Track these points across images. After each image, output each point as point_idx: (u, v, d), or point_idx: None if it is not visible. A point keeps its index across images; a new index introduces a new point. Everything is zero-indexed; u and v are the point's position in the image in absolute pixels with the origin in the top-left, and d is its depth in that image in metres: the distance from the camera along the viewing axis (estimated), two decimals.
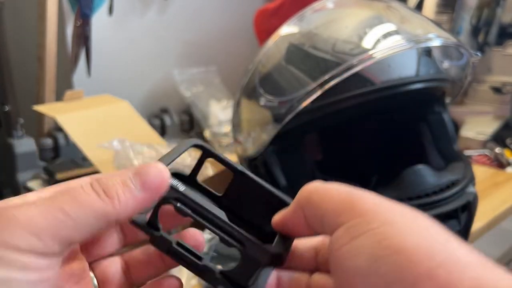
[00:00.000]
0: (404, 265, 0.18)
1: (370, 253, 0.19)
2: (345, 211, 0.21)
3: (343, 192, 0.22)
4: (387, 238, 0.18)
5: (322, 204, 0.22)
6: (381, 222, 0.19)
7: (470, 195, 0.49)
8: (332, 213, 0.21)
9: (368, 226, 0.19)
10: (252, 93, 0.53)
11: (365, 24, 0.50)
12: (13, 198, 0.22)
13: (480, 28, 1.00)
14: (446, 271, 0.17)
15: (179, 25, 1.14)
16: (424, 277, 0.17)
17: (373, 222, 0.19)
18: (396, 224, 0.19)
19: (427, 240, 0.18)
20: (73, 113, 0.71)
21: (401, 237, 0.18)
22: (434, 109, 0.59)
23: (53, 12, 0.87)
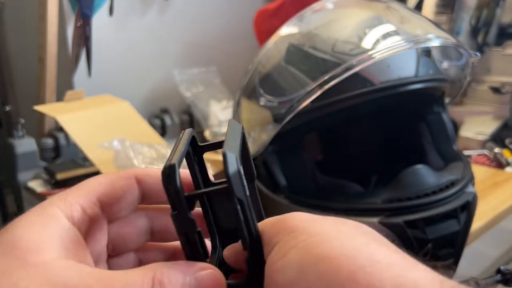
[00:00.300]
0: (329, 271, 0.18)
1: (299, 264, 0.19)
2: (276, 234, 0.21)
3: (276, 218, 0.23)
4: (313, 248, 0.19)
5: (262, 233, 0.23)
6: (308, 235, 0.20)
7: (470, 195, 0.50)
8: (268, 238, 0.22)
9: (297, 240, 0.20)
10: (252, 93, 0.53)
11: (365, 24, 0.50)
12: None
13: (479, 29, 1.00)
14: (366, 273, 0.18)
15: (179, 26, 1.14)
16: (348, 281, 0.18)
17: (301, 236, 0.20)
18: (322, 235, 0.20)
19: (350, 245, 0.19)
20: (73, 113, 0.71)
21: (326, 245, 0.19)
22: (434, 109, 0.59)
23: (53, 13, 0.87)
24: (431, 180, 0.49)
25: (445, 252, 0.47)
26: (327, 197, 0.51)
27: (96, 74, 0.96)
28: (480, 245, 0.66)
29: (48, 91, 0.90)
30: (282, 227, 0.21)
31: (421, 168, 0.50)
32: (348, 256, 0.18)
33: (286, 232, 0.21)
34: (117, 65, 1.05)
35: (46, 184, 0.85)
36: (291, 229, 0.21)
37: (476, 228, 0.63)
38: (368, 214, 0.47)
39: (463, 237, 0.49)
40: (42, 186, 0.85)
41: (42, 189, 0.84)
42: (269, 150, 0.53)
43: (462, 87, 0.61)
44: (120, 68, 1.06)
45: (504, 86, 0.98)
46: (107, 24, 1.01)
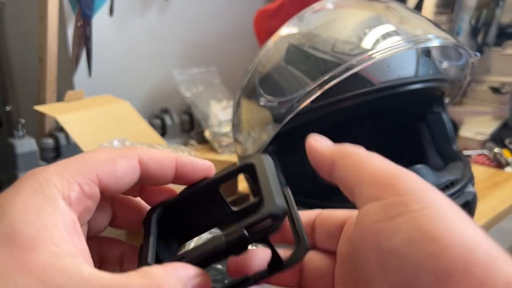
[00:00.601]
0: (443, 255, 0.17)
1: (408, 236, 0.18)
2: (384, 187, 0.20)
3: (385, 166, 0.21)
4: (427, 224, 0.18)
5: (360, 169, 0.21)
6: (422, 205, 0.18)
7: (469, 195, 0.50)
8: (369, 184, 0.20)
9: (408, 208, 0.18)
10: (252, 93, 0.53)
11: (365, 24, 0.50)
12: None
13: (479, 29, 1.00)
14: (483, 269, 0.17)
15: (179, 26, 1.14)
16: (460, 272, 0.17)
17: (414, 204, 0.18)
18: (438, 210, 0.18)
19: (468, 234, 0.18)
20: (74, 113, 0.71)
21: (442, 225, 0.18)
22: (433, 109, 0.59)
23: (54, 13, 0.87)
24: (430, 180, 0.49)
25: None
26: (327, 197, 0.51)
27: (97, 74, 0.96)
28: None
29: (48, 91, 0.90)
30: (388, 183, 0.20)
31: (421, 168, 0.50)
32: (466, 245, 0.17)
33: (393, 192, 0.19)
34: (117, 65, 1.05)
35: None
36: (399, 191, 0.19)
37: None
38: None
39: None
40: None
41: None
42: (269, 150, 0.53)
43: (462, 87, 0.61)
44: (120, 68, 1.06)
45: (504, 86, 0.98)
46: (107, 24, 1.01)
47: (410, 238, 0.18)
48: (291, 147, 0.54)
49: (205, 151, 1.04)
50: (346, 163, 0.22)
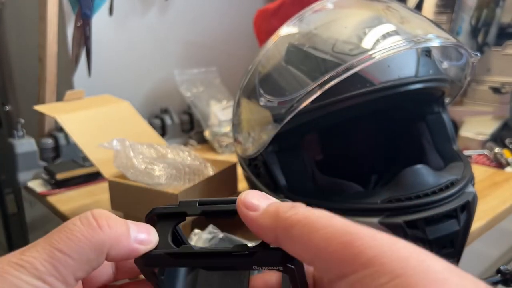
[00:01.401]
0: None
1: None
2: (346, 261, 0.18)
3: (336, 230, 0.19)
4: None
5: (310, 243, 0.19)
6: (391, 275, 0.17)
7: (470, 195, 0.50)
8: (326, 260, 0.18)
9: (376, 282, 0.17)
10: (252, 94, 0.53)
11: (365, 24, 0.50)
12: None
13: (479, 29, 1.00)
14: None
15: (179, 26, 1.14)
16: None
17: (382, 275, 0.17)
18: (408, 278, 0.16)
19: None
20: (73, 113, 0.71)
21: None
22: (434, 109, 0.59)
23: (53, 13, 0.87)
24: (431, 180, 0.49)
25: (445, 252, 0.47)
26: (327, 197, 0.51)
27: (96, 74, 0.96)
28: (480, 245, 0.66)
29: (48, 91, 0.90)
30: (350, 255, 0.18)
31: (421, 168, 0.50)
32: None
33: (357, 265, 0.17)
34: (117, 65, 1.05)
35: (46, 184, 0.85)
36: (364, 263, 0.17)
37: (476, 228, 0.63)
38: (368, 214, 0.47)
39: (463, 237, 0.49)
40: (42, 186, 0.85)
41: (42, 189, 0.84)
42: (269, 150, 0.53)
43: (462, 87, 0.61)
44: (120, 68, 1.06)
45: (504, 86, 0.98)
46: (107, 24, 1.01)
47: None
48: (291, 147, 0.54)
49: (205, 151, 1.04)
50: (291, 237, 0.20)
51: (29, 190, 0.87)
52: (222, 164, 0.64)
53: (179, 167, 0.60)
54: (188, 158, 0.65)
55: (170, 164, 0.60)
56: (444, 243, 0.47)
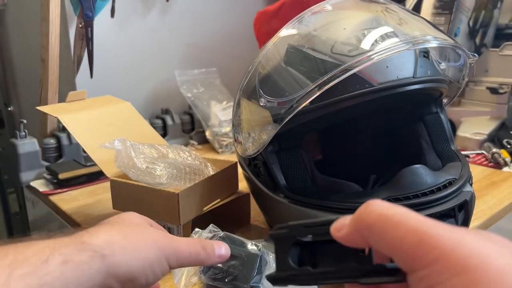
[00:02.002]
0: None
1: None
2: (416, 258, 0.20)
3: (409, 229, 0.21)
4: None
5: (388, 239, 0.21)
6: (454, 271, 0.19)
7: (467, 195, 0.50)
8: (403, 256, 0.21)
9: (441, 277, 0.19)
10: (252, 94, 0.54)
11: (363, 26, 0.50)
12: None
13: (477, 30, 1.01)
14: None
15: (180, 27, 1.15)
16: None
17: (445, 272, 0.19)
18: (469, 275, 0.18)
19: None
20: (76, 113, 0.72)
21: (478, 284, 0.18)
22: (432, 109, 0.59)
23: (56, 14, 0.87)
24: (429, 180, 0.49)
25: None
26: (326, 197, 0.52)
27: (98, 75, 0.97)
28: None
29: (50, 92, 0.91)
30: (420, 253, 0.20)
31: (419, 168, 0.50)
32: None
33: (428, 260, 0.20)
34: (119, 66, 1.06)
35: (48, 184, 0.86)
36: (431, 260, 0.19)
37: (474, 227, 0.63)
38: None
39: None
40: (45, 186, 0.86)
41: (44, 188, 0.85)
42: (269, 150, 0.54)
43: (460, 87, 0.62)
44: (121, 69, 1.06)
45: (502, 87, 0.98)
46: (108, 25, 1.01)
47: None
48: (291, 147, 0.54)
49: (206, 151, 1.04)
50: (373, 235, 0.22)
51: (32, 190, 0.87)
52: (223, 164, 0.65)
53: (179, 167, 0.61)
54: (189, 158, 0.66)
55: (171, 164, 0.60)
56: None
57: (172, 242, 0.36)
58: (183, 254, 0.36)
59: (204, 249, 0.37)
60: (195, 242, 0.38)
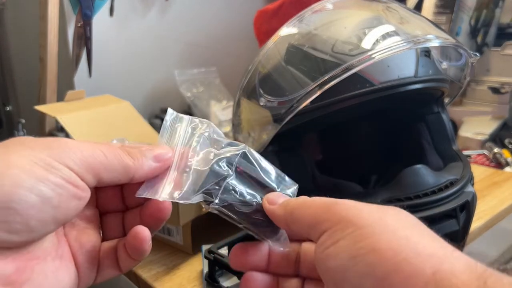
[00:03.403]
0: (375, 262, 0.21)
1: (348, 253, 0.22)
2: (325, 221, 0.25)
3: (320, 204, 0.26)
4: (361, 241, 0.22)
5: (305, 218, 0.26)
6: (355, 227, 0.23)
7: (469, 195, 0.50)
8: (315, 223, 0.25)
9: (345, 232, 0.23)
10: (251, 94, 0.53)
11: (364, 25, 0.50)
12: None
13: (478, 29, 1.00)
14: (410, 264, 0.21)
15: (179, 26, 1.14)
16: (392, 271, 0.21)
17: (349, 227, 0.23)
18: (367, 228, 0.23)
19: (395, 239, 0.22)
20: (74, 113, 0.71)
21: (372, 239, 0.22)
22: (433, 109, 0.59)
23: (54, 13, 0.87)
24: (430, 180, 0.49)
25: None
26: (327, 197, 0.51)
27: (97, 74, 0.97)
28: (479, 245, 0.67)
29: (49, 91, 0.90)
30: (327, 217, 0.25)
31: (421, 168, 0.50)
32: (393, 249, 0.21)
33: (332, 222, 0.24)
34: (118, 65, 1.05)
35: None
36: (337, 220, 0.24)
37: (476, 228, 0.63)
38: None
39: (463, 236, 0.49)
40: None
41: None
42: (269, 150, 0.53)
43: (462, 87, 0.61)
44: (120, 68, 1.06)
45: (503, 86, 0.98)
46: (107, 24, 1.01)
47: (350, 255, 0.22)
48: (291, 147, 0.54)
49: None
50: (294, 220, 0.27)
51: None
52: None
53: None
54: None
55: None
56: None
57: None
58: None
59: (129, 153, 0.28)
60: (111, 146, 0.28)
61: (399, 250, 0.21)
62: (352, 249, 0.22)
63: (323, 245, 0.24)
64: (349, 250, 0.22)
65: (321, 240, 0.24)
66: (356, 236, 0.22)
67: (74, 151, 0.25)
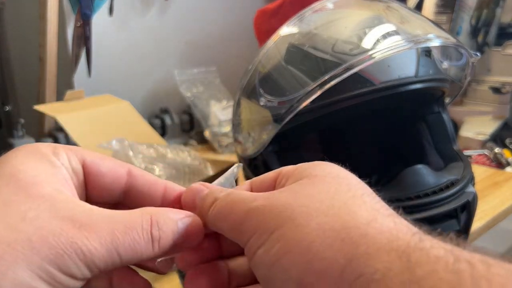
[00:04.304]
0: (290, 267, 0.20)
1: (266, 263, 0.21)
2: (244, 231, 0.22)
3: (242, 210, 0.23)
4: (273, 246, 0.21)
5: (228, 227, 0.24)
6: (268, 232, 0.21)
7: (470, 195, 0.50)
8: (239, 235, 0.23)
9: (260, 240, 0.21)
10: (252, 93, 0.53)
11: (365, 24, 0.50)
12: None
13: (479, 29, 1.00)
14: (320, 260, 0.19)
15: (179, 26, 1.14)
16: (305, 271, 0.19)
17: (262, 234, 0.21)
18: (279, 230, 0.21)
19: (304, 235, 0.20)
20: (73, 113, 0.71)
21: (283, 242, 0.20)
22: (434, 109, 0.59)
23: (54, 13, 0.87)
24: (431, 180, 0.49)
25: None
26: None
27: (96, 74, 0.96)
28: (480, 245, 0.66)
29: (48, 91, 0.90)
30: (248, 226, 0.22)
31: (421, 168, 0.50)
32: (304, 247, 0.20)
33: (252, 231, 0.22)
34: (117, 65, 1.05)
35: None
36: (254, 228, 0.22)
37: (476, 228, 0.63)
38: None
39: (464, 237, 0.49)
40: None
41: None
42: (269, 150, 0.53)
43: (462, 87, 0.61)
44: (120, 68, 1.06)
45: (504, 86, 0.98)
46: (107, 24, 1.01)
47: (268, 264, 0.21)
48: (291, 147, 0.54)
49: (205, 151, 1.04)
50: (218, 227, 0.24)
51: None
52: (222, 164, 0.64)
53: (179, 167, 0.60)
54: (188, 158, 0.65)
55: (170, 164, 0.60)
56: None
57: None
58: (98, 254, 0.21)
59: (148, 231, 0.22)
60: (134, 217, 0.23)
61: (309, 247, 0.19)
62: (269, 257, 0.21)
63: (248, 256, 0.22)
64: (266, 260, 0.21)
65: (245, 250, 0.22)
66: (270, 242, 0.21)
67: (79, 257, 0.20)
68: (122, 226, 0.21)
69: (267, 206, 0.22)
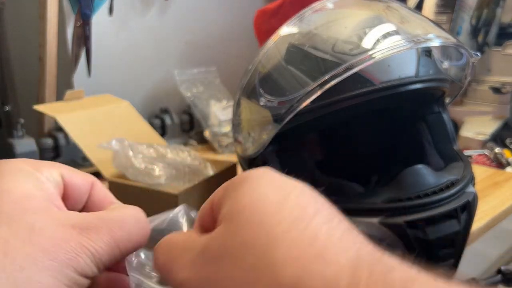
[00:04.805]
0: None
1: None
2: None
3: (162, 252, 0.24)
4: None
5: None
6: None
7: (470, 195, 0.49)
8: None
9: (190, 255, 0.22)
10: (252, 93, 0.53)
11: (365, 24, 0.50)
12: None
13: (479, 29, 1.00)
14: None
15: (179, 26, 1.14)
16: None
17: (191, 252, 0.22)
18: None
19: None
20: (73, 113, 0.71)
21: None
22: (434, 109, 0.59)
23: (53, 12, 0.87)
24: (431, 180, 0.49)
25: (446, 253, 0.47)
26: (327, 197, 0.51)
27: (96, 74, 0.96)
28: (480, 245, 0.66)
29: (48, 91, 0.90)
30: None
31: (421, 168, 0.49)
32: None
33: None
34: (117, 65, 1.05)
35: None
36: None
37: (477, 228, 0.63)
38: (368, 214, 0.47)
39: (464, 237, 0.48)
40: None
41: None
42: (269, 150, 0.53)
43: (463, 87, 0.61)
44: (120, 68, 1.06)
45: (504, 86, 0.98)
46: (107, 24, 1.01)
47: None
48: (291, 147, 0.54)
49: (205, 151, 1.03)
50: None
51: None
52: (222, 164, 0.64)
53: (179, 167, 0.60)
54: (188, 158, 0.65)
55: (170, 164, 0.60)
56: (444, 243, 0.47)
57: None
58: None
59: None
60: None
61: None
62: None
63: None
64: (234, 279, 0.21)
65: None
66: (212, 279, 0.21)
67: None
68: (116, 223, 0.24)
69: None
